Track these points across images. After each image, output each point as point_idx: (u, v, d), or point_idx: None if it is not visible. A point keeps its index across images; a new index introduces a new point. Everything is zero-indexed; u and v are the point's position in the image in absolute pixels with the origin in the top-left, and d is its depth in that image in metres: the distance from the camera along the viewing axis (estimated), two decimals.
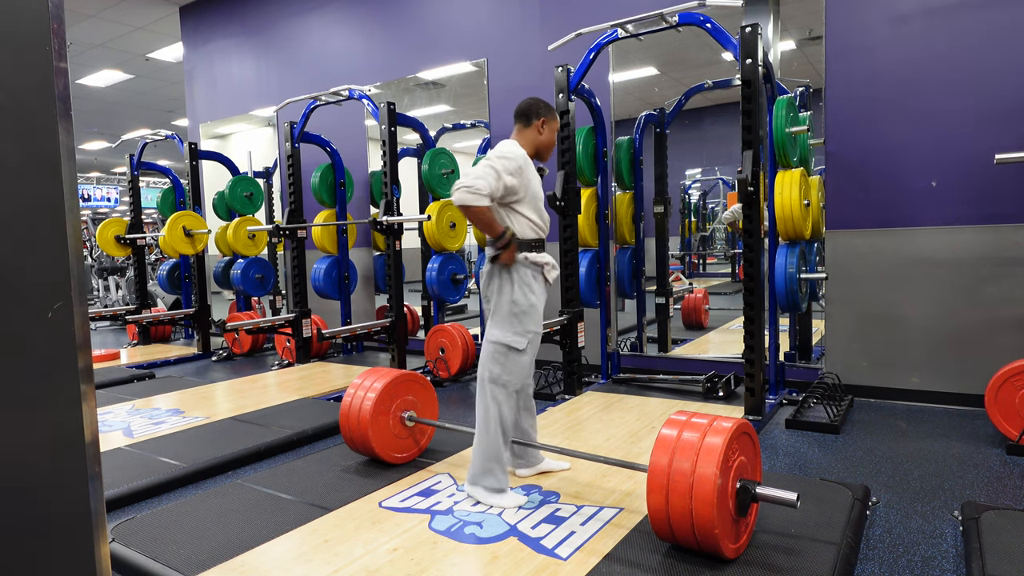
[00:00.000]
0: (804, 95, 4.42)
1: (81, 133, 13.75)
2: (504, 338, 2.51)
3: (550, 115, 2.65)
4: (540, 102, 2.67)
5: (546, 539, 2.21)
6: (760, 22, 3.50)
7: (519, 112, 2.66)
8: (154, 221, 14.99)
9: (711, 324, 6.25)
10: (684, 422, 2.03)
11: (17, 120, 0.80)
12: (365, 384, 2.95)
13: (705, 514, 1.87)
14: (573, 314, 4.17)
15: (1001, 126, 3.64)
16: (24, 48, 0.80)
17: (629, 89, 5.09)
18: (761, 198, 3.50)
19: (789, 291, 3.87)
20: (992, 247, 3.70)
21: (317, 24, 6.74)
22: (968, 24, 3.71)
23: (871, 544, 2.25)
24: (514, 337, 2.51)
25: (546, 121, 2.63)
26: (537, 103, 2.66)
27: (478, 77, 5.61)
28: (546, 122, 2.63)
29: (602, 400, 4.06)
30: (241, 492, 2.72)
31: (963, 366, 3.80)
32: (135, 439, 3.53)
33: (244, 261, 6.53)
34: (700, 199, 7.16)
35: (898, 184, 3.94)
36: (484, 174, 2.38)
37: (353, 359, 6.05)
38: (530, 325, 2.54)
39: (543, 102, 2.67)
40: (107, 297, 10.46)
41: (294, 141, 5.69)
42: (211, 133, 8.05)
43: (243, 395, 4.53)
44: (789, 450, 3.23)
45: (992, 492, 2.65)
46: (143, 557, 2.18)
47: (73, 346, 0.84)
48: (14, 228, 0.79)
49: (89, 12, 7.74)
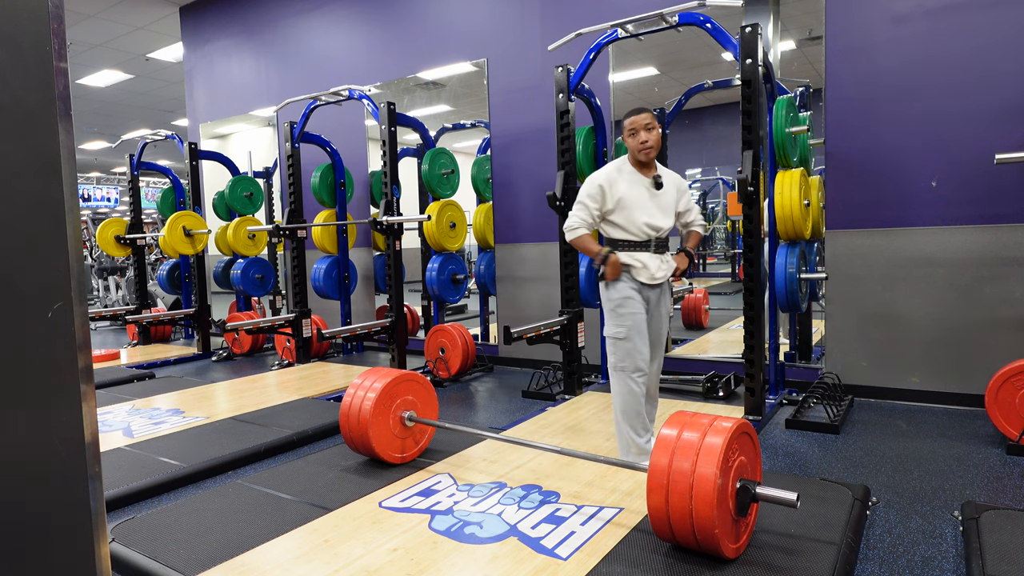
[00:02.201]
0: (804, 95, 4.42)
1: (81, 133, 13.75)
2: (608, 331, 2.93)
3: (625, 120, 2.88)
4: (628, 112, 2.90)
5: (546, 539, 2.21)
6: (760, 22, 3.50)
7: None
8: (154, 221, 14.99)
9: (711, 324, 6.25)
10: (684, 422, 2.03)
11: (17, 120, 0.80)
12: (365, 384, 2.95)
13: (705, 514, 1.87)
14: (573, 314, 4.17)
15: (1001, 126, 3.64)
16: (24, 48, 0.80)
17: (629, 89, 5.09)
18: (761, 198, 3.50)
19: (789, 291, 3.87)
20: (992, 247, 3.70)
21: (317, 24, 6.74)
22: (968, 24, 3.71)
23: (871, 544, 2.25)
24: (615, 328, 2.90)
25: (624, 128, 2.87)
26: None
27: (478, 77, 5.61)
28: (624, 129, 2.87)
29: (602, 400, 4.06)
30: (241, 492, 2.72)
31: (963, 366, 3.80)
32: (135, 439, 3.53)
33: (244, 261, 6.54)
34: (700, 199, 7.15)
35: (898, 184, 3.94)
36: (575, 210, 2.91)
37: (353, 359, 6.05)
38: (626, 319, 2.86)
39: (630, 111, 2.87)
40: (107, 297, 10.46)
41: (294, 141, 5.69)
42: (211, 133, 8.05)
43: (243, 395, 4.53)
44: (789, 450, 3.23)
45: (992, 492, 2.65)
46: (143, 557, 2.18)
47: (73, 346, 0.84)
48: (14, 228, 0.79)
49: (89, 12, 7.74)
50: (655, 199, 2.86)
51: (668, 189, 2.91)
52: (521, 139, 5.35)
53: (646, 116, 2.81)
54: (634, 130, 2.82)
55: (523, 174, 5.37)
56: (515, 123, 5.38)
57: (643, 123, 2.81)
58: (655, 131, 2.80)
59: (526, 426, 3.59)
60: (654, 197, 2.86)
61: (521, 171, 5.38)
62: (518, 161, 5.39)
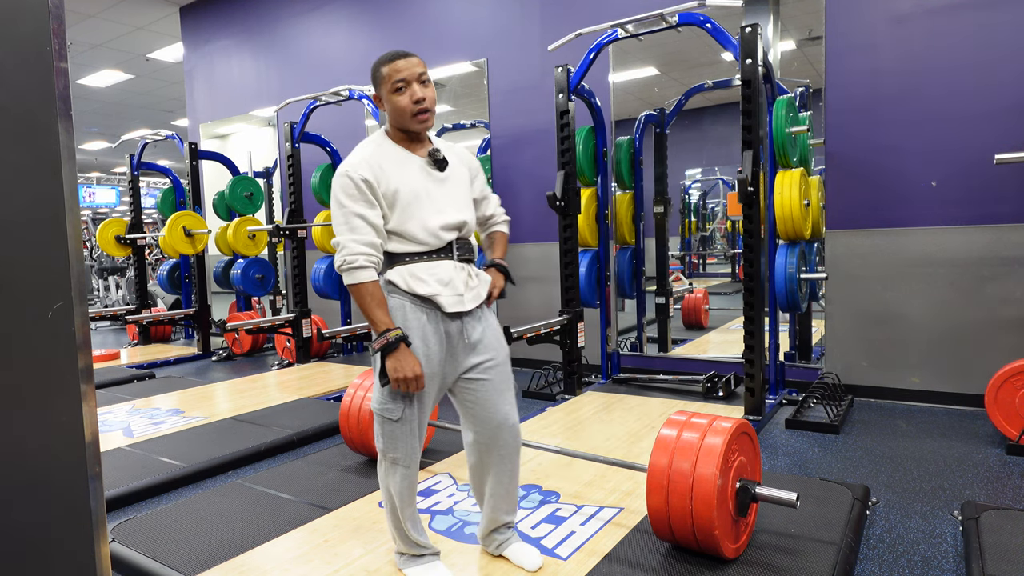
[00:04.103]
0: (804, 95, 4.41)
1: (81, 133, 13.75)
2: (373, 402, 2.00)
3: (382, 69, 1.83)
4: None
5: (546, 539, 2.21)
6: (760, 22, 3.50)
7: None
8: (154, 221, 14.98)
9: (711, 324, 6.25)
10: (684, 422, 2.03)
11: (17, 120, 0.80)
12: (365, 384, 2.95)
13: (705, 514, 1.87)
14: (573, 314, 4.17)
15: (1001, 126, 3.64)
16: (24, 48, 0.80)
17: (629, 89, 5.09)
18: (761, 198, 3.50)
19: (789, 291, 3.87)
20: (992, 247, 3.70)
21: (317, 24, 6.74)
22: (968, 24, 3.71)
23: (871, 544, 2.25)
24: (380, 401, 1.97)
25: (382, 80, 1.84)
26: None
27: (478, 77, 5.61)
28: (382, 82, 1.84)
29: (602, 400, 4.06)
30: (241, 492, 2.72)
31: (963, 366, 3.80)
32: (135, 439, 3.53)
33: (244, 261, 6.53)
34: (700, 199, 7.15)
35: (898, 184, 3.94)
36: (341, 232, 1.83)
37: (353, 359, 6.04)
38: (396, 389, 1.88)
39: (388, 55, 1.85)
40: (107, 297, 10.46)
41: (294, 141, 5.69)
42: (211, 133, 8.05)
43: (243, 395, 4.53)
44: (789, 450, 3.23)
45: (992, 492, 2.65)
46: (143, 557, 2.18)
47: (73, 346, 0.84)
48: (14, 228, 0.79)
49: (89, 12, 7.74)
50: (441, 185, 1.87)
51: (455, 168, 1.93)
52: (521, 139, 5.35)
53: (417, 62, 1.82)
54: (402, 83, 1.80)
55: (523, 174, 5.37)
56: (515, 123, 5.38)
57: (416, 73, 1.81)
58: (431, 86, 1.84)
59: (526, 426, 3.59)
60: (438, 183, 1.87)
61: (521, 171, 5.38)
62: (518, 161, 5.39)
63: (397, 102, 1.81)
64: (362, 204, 1.77)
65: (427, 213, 1.83)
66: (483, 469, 1.99)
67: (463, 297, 1.85)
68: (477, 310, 1.91)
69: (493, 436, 1.93)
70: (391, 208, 1.81)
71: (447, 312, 1.83)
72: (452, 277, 1.84)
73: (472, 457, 2.00)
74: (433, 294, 1.81)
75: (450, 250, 1.87)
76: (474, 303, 1.88)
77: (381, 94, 1.85)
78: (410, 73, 1.80)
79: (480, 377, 1.91)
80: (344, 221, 1.78)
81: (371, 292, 1.76)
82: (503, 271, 2.06)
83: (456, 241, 1.88)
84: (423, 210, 1.82)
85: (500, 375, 1.95)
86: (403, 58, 1.81)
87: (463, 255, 1.90)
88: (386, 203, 1.80)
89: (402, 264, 1.83)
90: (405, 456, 1.85)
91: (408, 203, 1.81)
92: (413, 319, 1.81)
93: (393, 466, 1.87)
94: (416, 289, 1.80)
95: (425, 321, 1.82)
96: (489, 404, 1.92)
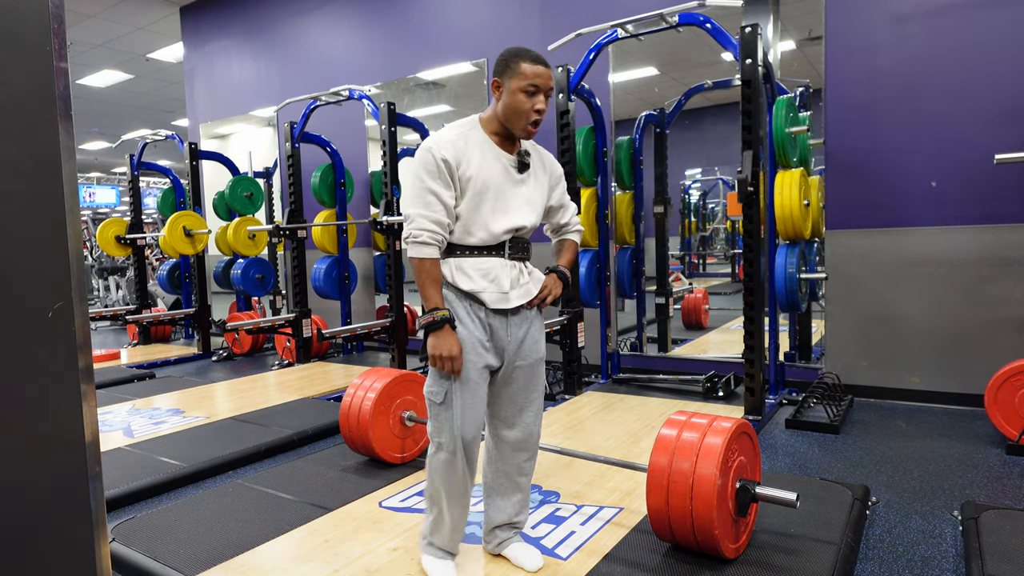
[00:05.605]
0: (804, 95, 4.42)
1: (81, 133, 13.75)
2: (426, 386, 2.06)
3: (522, 64, 1.84)
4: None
5: (546, 539, 2.21)
6: (760, 22, 3.50)
7: None
8: (154, 221, 14.99)
9: (711, 324, 6.25)
10: (684, 422, 2.03)
11: (17, 120, 0.80)
12: (365, 384, 2.95)
13: (705, 514, 1.87)
14: (573, 314, 4.17)
15: (1001, 126, 3.64)
16: (24, 48, 0.80)
17: (629, 89, 5.09)
18: (761, 198, 3.50)
19: (789, 291, 3.87)
20: (992, 247, 3.70)
21: (317, 24, 6.74)
22: (968, 24, 3.71)
23: (871, 544, 2.25)
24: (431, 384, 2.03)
25: (514, 74, 1.84)
26: None
27: (478, 77, 5.61)
28: (513, 76, 1.84)
29: (602, 400, 4.06)
30: (241, 492, 2.72)
31: (963, 366, 3.80)
32: (135, 439, 3.53)
33: (244, 261, 6.53)
34: (700, 199, 7.16)
35: (898, 184, 3.94)
36: (411, 206, 1.91)
37: (353, 359, 6.04)
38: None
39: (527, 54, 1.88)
40: (107, 297, 10.46)
41: (294, 141, 5.69)
42: (211, 133, 8.05)
43: (243, 395, 4.53)
44: (789, 450, 3.23)
45: (992, 492, 2.65)
46: (143, 557, 2.18)
47: (73, 346, 0.84)
48: (14, 228, 0.79)
49: (89, 12, 7.73)
50: (517, 187, 1.89)
51: (536, 173, 1.95)
52: None
53: (551, 76, 1.87)
54: (535, 88, 1.82)
55: None
56: None
57: (548, 86, 1.84)
58: (548, 103, 1.89)
59: None
60: (515, 183, 1.89)
61: None
62: None
63: (521, 103, 1.82)
64: (439, 183, 1.79)
65: (493, 210, 1.85)
66: (494, 466, 2.04)
67: (508, 295, 1.87)
68: (524, 310, 1.94)
69: (509, 435, 1.99)
70: (463, 193, 1.83)
71: (491, 308, 1.86)
72: (499, 274, 1.86)
73: (485, 454, 2.06)
74: (476, 290, 1.84)
75: (503, 248, 1.88)
76: (520, 300, 1.89)
77: (505, 84, 1.84)
78: (544, 83, 1.83)
79: (511, 376, 1.94)
80: (418, 195, 1.80)
81: (428, 270, 1.80)
82: (563, 278, 2.05)
83: (510, 240, 1.89)
84: (490, 205, 1.84)
85: (529, 376, 1.97)
86: (545, 66, 1.85)
87: (515, 253, 1.91)
88: (460, 187, 1.82)
89: (452, 256, 1.86)
90: (449, 441, 1.86)
91: (479, 193, 1.82)
92: (459, 308, 1.85)
93: (437, 451, 1.90)
94: (460, 284, 1.84)
95: (470, 311, 1.86)
96: (512, 404, 1.97)
